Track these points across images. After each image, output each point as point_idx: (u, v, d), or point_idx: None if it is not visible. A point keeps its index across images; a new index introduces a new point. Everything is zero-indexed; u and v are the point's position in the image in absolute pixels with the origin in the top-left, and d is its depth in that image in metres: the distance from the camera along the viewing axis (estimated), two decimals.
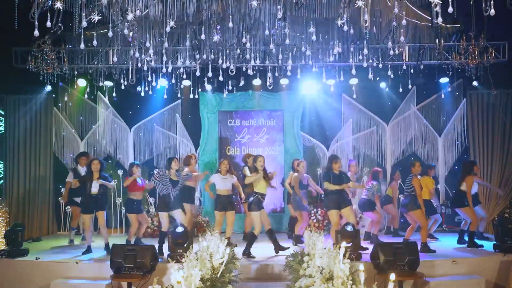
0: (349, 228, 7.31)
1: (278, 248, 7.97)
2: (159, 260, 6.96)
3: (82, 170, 9.12)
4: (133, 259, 6.66)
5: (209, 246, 6.18)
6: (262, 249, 8.13)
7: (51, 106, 11.10)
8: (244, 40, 7.79)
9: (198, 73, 8.88)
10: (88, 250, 8.12)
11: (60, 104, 11.41)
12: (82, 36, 6.58)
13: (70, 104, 11.47)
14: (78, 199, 9.11)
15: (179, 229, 7.33)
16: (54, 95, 11.23)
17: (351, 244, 7.25)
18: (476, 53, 7.69)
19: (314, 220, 10.37)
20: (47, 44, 7.53)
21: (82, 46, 6.60)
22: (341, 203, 7.87)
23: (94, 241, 8.76)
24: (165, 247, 7.67)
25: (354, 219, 7.82)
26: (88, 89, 10.83)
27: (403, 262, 6.62)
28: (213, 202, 8.63)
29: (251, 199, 7.96)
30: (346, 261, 4.49)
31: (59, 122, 11.30)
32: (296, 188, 8.87)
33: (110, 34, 6.75)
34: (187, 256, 4.69)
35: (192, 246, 7.17)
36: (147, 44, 7.38)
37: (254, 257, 7.64)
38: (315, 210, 10.46)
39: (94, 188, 8.05)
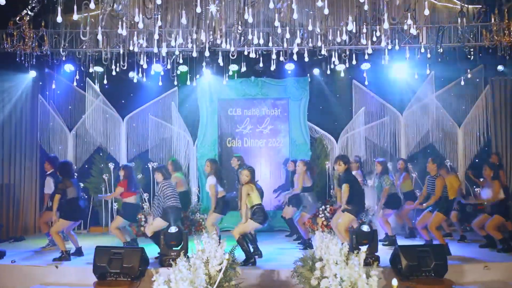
0: (365, 228, 6.45)
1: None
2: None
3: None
4: (119, 263, 5.93)
5: (204, 250, 5.32)
6: (266, 252, 7.25)
7: (36, 94, 10.25)
8: (246, 16, 6.88)
9: (195, 54, 7.96)
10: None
11: (47, 92, 10.56)
12: (59, 8, 5.69)
13: (58, 92, 10.59)
14: None
15: (172, 229, 6.48)
16: (40, 83, 10.41)
17: (367, 246, 6.40)
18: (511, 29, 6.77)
19: (323, 218, 9.51)
20: (24, 20, 6.64)
21: (59, 19, 5.71)
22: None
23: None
24: None
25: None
26: (77, 76, 9.95)
27: (429, 268, 5.87)
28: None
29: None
30: (374, 273, 3.61)
31: (45, 111, 10.45)
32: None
33: (92, 5, 5.84)
34: (175, 264, 3.81)
35: (187, 249, 6.36)
36: (136, 19, 6.46)
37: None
38: (323, 207, 9.59)
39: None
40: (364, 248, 4.84)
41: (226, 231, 9.38)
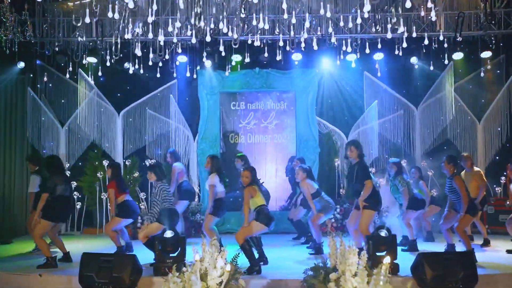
0: (383, 233, 5.76)
1: None
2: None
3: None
4: (108, 272, 5.27)
5: (203, 259, 4.67)
6: (272, 258, 6.57)
7: (26, 87, 9.67)
8: None
9: (194, 40, 7.31)
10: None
11: (38, 85, 9.95)
12: None
13: (50, 85, 9.99)
14: None
15: (168, 234, 5.82)
16: (31, 75, 9.80)
17: (385, 252, 5.74)
18: None
19: (332, 220, 8.87)
20: (5, 2, 6.01)
21: None
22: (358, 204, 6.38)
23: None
24: None
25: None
26: (70, 68, 9.34)
27: (456, 278, 5.19)
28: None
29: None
30: None
31: (36, 105, 9.81)
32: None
33: None
34: (165, 280, 3.16)
35: (184, 256, 5.71)
36: None
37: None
38: None
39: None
40: (387, 259, 4.19)
41: (229, 233, 8.76)
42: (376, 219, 7.82)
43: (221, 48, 8.27)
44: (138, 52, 7.47)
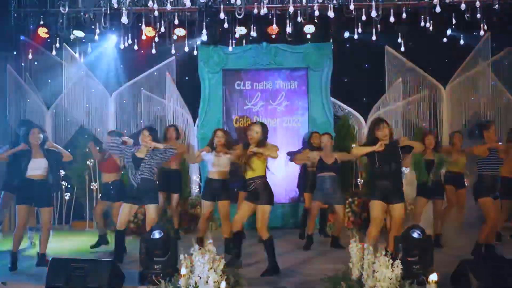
0: (416, 234, 4.75)
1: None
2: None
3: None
4: (81, 282, 4.40)
5: (194, 270, 3.71)
6: (280, 262, 5.56)
7: (5, 65, 8.81)
8: None
9: (188, 3, 6.32)
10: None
11: (22, 64, 9.07)
12: None
13: (36, 63, 9.09)
14: None
15: (156, 234, 4.86)
16: (15, 52, 8.96)
17: (417, 257, 4.75)
18: None
19: (349, 213, 7.92)
20: None
21: None
22: (390, 195, 5.22)
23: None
24: None
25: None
26: (57, 44, 8.49)
27: None
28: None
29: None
30: None
31: (18, 86, 8.93)
32: None
33: None
34: None
35: (176, 261, 4.76)
36: None
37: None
38: (350, 199, 7.99)
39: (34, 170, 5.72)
40: (434, 276, 3.19)
41: None
42: None
43: (222, 15, 7.28)
44: (125, 19, 6.49)
